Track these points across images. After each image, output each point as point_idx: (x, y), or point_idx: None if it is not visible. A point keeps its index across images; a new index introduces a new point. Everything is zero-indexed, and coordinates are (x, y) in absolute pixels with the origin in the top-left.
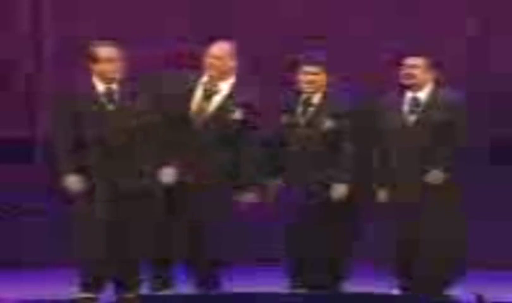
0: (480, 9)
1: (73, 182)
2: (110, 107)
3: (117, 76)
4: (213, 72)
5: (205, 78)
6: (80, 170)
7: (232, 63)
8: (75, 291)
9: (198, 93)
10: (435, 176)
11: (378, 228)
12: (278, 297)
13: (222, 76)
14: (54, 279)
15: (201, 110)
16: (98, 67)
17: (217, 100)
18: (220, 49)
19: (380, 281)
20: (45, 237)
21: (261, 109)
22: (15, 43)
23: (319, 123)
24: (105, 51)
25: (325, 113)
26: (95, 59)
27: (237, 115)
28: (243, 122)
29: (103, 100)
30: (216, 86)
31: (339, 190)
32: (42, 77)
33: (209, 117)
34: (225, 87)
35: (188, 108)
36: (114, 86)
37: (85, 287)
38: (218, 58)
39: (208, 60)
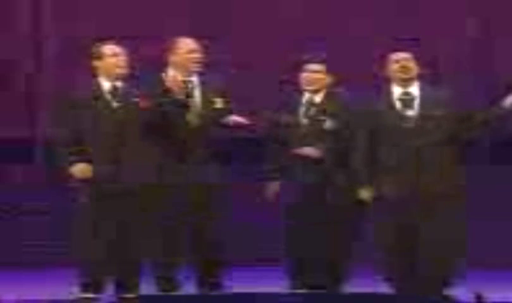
0: (480, 9)
1: (81, 169)
2: (115, 104)
3: (122, 71)
4: (197, 68)
5: (179, 77)
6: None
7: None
8: (75, 292)
9: (180, 94)
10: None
11: (376, 228)
12: (278, 297)
13: (198, 70)
14: (54, 279)
15: (191, 108)
16: (103, 63)
17: (197, 93)
18: (194, 43)
19: (380, 282)
20: (45, 237)
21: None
22: (15, 43)
23: (320, 122)
24: (109, 47)
25: (327, 113)
26: (99, 56)
27: (219, 103)
28: (223, 109)
29: (108, 97)
30: (191, 82)
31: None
32: (42, 77)
33: (199, 112)
34: (195, 79)
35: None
36: (119, 84)
37: (85, 287)
38: (198, 51)
39: (194, 56)
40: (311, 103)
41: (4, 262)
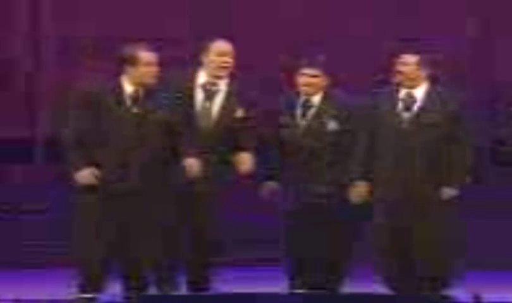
0: (480, 9)
1: (86, 175)
2: (135, 110)
3: (151, 82)
4: (225, 72)
5: (203, 78)
6: (90, 165)
7: (234, 61)
8: (74, 292)
9: (199, 94)
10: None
11: (372, 229)
12: (278, 297)
13: (227, 74)
14: (54, 279)
15: (205, 110)
16: (134, 70)
17: (219, 99)
18: (229, 46)
19: (379, 282)
20: (45, 237)
21: (259, 107)
22: (15, 42)
23: (321, 124)
24: (144, 54)
25: (328, 114)
26: (133, 62)
27: (240, 113)
28: (244, 120)
29: (129, 102)
30: (216, 85)
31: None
32: (42, 76)
33: (214, 116)
34: (223, 85)
35: (191, 108)
36: (141, 90)
37: (84, 287)
38: (230, 55)
39: (222, 59)
40: (309, 105)
41: (4, 262)
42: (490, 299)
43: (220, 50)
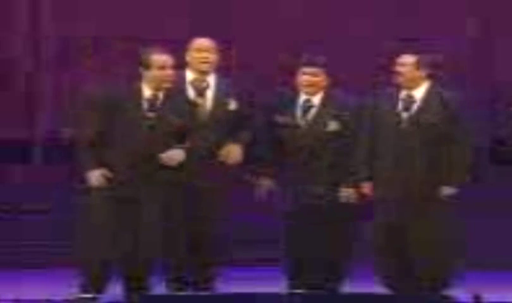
0: (480, 9)
1: (97, 176)
2: (150, 114)
3: (167, 85)
4: (210, 67)
5: (190, 76)
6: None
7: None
8: (74, 292)
9: (190, 92)
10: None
11: (373, 228)
12: (278, 297)
13: (212, 69)
14: (54, 279)
15: (200, 106)
16: (149, 73)
17: (210, 94)
18: (211, 42)
19: (379, 282)
20: (45, 237)
21: (256, 100)
22: (14, 43)
23: (321, 124)
24: (157, 58)
25: (328, 114)
26: (147, 65)
27: (233, 105)
28: (239, 112)
29: (145, 105)
30: (204, 81)
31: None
32: (42, 76)
33: (209, 111)
34: (212, 80)
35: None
36: (161, 94)
37: (85, 287)
38: (211, 51)
39: (202, 55)
40: (309, 105)
41: (4, 262)
42: (490, 299)
43: (199, 47)
